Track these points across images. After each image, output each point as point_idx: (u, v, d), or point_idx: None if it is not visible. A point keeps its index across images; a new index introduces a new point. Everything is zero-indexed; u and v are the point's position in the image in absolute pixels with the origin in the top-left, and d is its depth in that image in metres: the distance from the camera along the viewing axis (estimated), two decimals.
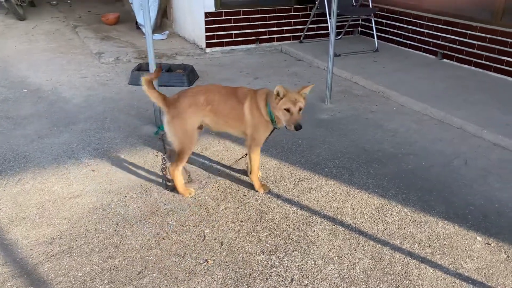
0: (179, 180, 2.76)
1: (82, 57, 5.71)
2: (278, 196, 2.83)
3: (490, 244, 2.42)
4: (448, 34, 5.47)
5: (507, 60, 4.88)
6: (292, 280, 2.16)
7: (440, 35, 5.58)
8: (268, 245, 2.39)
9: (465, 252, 2.37)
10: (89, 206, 2.69)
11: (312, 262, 2.27)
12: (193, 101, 2.65)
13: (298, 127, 2.50)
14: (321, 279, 2.17)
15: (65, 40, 6.54)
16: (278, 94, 2.53)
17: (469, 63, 5.29)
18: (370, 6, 5.94)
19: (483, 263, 2.29)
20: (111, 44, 6.15)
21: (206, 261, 2.27)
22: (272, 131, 2.78)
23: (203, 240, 2.43)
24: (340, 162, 3.26)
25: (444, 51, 5.56)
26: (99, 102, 4.28)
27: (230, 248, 2.36)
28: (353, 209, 2.72)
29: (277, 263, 2.26)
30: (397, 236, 2.48)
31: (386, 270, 2.23)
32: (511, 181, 3.06)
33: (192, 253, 2.33)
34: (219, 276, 2.17)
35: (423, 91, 4.55)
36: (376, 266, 2.25)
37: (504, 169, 3.21)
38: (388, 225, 2.57)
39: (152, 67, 3.60)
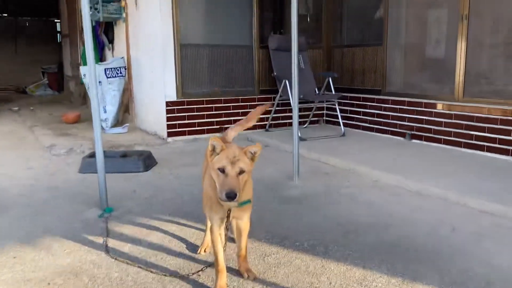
0: None
1: (33, 151, 5.32)
2: (239, 274, 2.33)
3: None
4: (414, 115, 5.43)
5: (476, 135, 4.77)
6: None
7: (406, 116, 5.53)
8: None
9: None
10: None
11: None
12: None
13: (230, 195, 1.82)
14: None
15: (18, 138, 6.19)
16: (213, 149, 1.97)
17: (438, 141, 5.16)
18: (333, 92, 5.94)
19: None
20: (67, 138, 5.84)
21: None
22: (229, 214, 2.09)
23: None
24: (312, 235, 2.83)
25: (412, 132, 5.46)
26: (42, 191, 3.81)
27: None
28: (330, 283, 2.24)
29: None
30: None
31: None
32: (508, 243, 2.67)
33: None
34: None
35: (396, 165, 4.30)
36: None
37: (498, 233, 2.84)
38: None
39: (100, 150, 3.24)
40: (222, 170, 1.90)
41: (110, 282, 2.25)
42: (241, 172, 1.92)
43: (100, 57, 7.47)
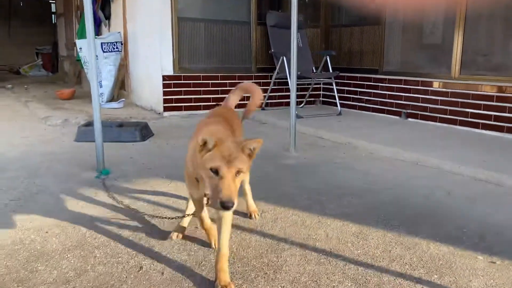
0: None
1: (28, 123, 5.29)
2: (237, 227, 2.34)
3: (495, 263, 1.98)
4: (410, 93, 5.45)
5: (471, 112, 4.80)
6: None
7: (402, 95, 5.55)
8: None
9: (468, 271, 1.91)
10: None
11: (280, 287, 1.75)
12: None
13: (227, 205, 1.48)
14: None
15: (13, 111, 6.15)
16: (204, 144, 1.60)
17: (434, 119, 5.19)
18: (331, 71, 5.94)
19: (492, 280, 1.83)
20: (62, 111, 5.80)
21: None
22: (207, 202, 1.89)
23: (138, 271, 1.88)
24: (309, 196, 2.84)
25: (408, 111, 5.48)
26: (37, 155, 3.79)
27: (173, 278, 1.82)
28: (327, 235, 2.25)
29: None
30: (383, 258, 2.01)
31: None
32: (500, 206, 2.71)
33: (121, 284, 1.76)
34: None
35: (392, 139, 4.33)
36: None
37: (491, 197, 2.87)
38: (371, 249, 2.10)
39: (98, 118, 3.22)
40: (216, 171, 1.54)
41: (108, 233, 2.25)
42: (238, 172, 1.58)
43: (96, 33, 7.40)
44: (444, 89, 5.05)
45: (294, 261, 1.96)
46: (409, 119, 5.47)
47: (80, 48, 6.37)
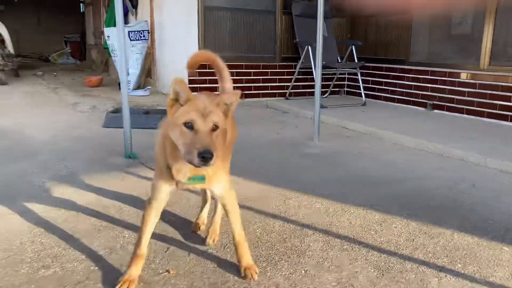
0: None
1: (58, 108, 5.44)
2: (260, 212, 2.38)
3: None
4: (437, 84, 5.37)
5: (500, 104, 4.71)
6: None
7: (428, 86, 5.48)
8: None
9: (492, 261, 1.90)
10: (31, 222, 2.20)
11: (303, 271, 1.79)
12: None
13: (206, 155, 1.34)
14: (315, 287, 1.67)
15: (43, 97, 6.32)
16: (176, 98, 1.47)
17: (460, 111, 5.11)
18: (356, 61, 5.90)
19: None
20: (90, 98, 5.94)
21: (168, 271, 1.77)
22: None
23: (165, 251, 1.94)
24: (332, 185, 2.86)
25: (434, 102, 5.41)
26: (67, 140, 3.91)
27: (199, 259, 1.88)
28: (350, 222, 2.27)
29: (258, 272, 1.77)
30: (406, 247, 2.02)
31: (396, 279, 1.74)
32: None
33: (150, 263, 1.83)
34: (182, 286, 1.67)
35: (417, 131, 4.29)
36: (383, 275, 1.77)
37: None
38: (394, 237, 2.12)
39: (126, 105, 3.31)
40: (190, 126, 1.41)
41: (136, 214, 2.32)
42: (215, 128, 1.44)
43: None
44: (472, 81, 4.96)
45: (317, 247, 2.00)
46: (435, 111, 5.40)
47: (108, 36, 6.49)
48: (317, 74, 3.94)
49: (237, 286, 1.68)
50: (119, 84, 6.83)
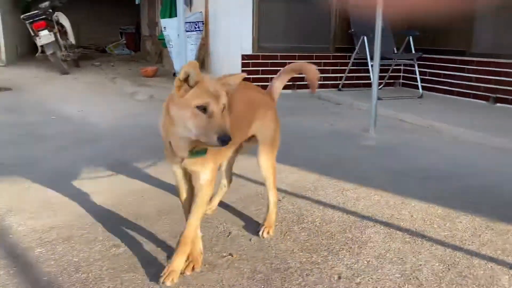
0: None
1: (117, 97, 5.65)
2: (318, 202, 2.39)
3: None
4: (501, 77, 5.11)
5: None
6: (339, 277, 1.66)
7: (491, 78, 5.23)
8: (307, 244, 1.92)
9: None
10: (100, 203, 2.32)
11: (365, 262, 1.78)
12: None
13: (226, 139, 1.40)
14: (378, 278, 1.66)
15: (102, 86, 6.58)
16: (186, 80, 1.47)
17: None
18: (413, 52, 5.72)
19: None
20: (147, 88, 6.13)
21: (231, 255, 1.82)
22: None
23: (228, 236, 1.99)
24: (391, 178, 2.81)
25: (497, 95, 5.16)
26: (127, 127, 4.06)
27: (261, 245, 1.91)
28: (412, 216, 2.23)
29: (319, 261, 1.78)
30: (472, 242, 1.96)
31: (464, 274, 1.70)
32: None
33: (213, 247, 1.88)
34: (246, 270, 1.71)
35: (478, 124, 4.12)
36: (449, 269, 1.73)
37: None
38: (458, 232, 2.06)
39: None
40: (203, 108, 1.44)
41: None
42: (224, 109, 1.48)
43: (177, 13, 7.66)
44: None
45: (378, 238, 1.97)
46: (498, 104, 5.15)
47: (164, 27, 6.64)
48: (375, 64, 3.87)
49: (299, 273, 1.69)
50: (174, 74, 7.01)
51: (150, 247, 1.87)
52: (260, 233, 1.99)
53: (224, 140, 1.40)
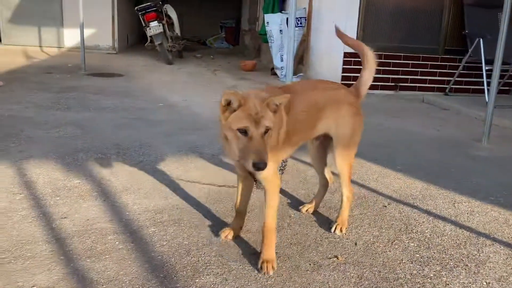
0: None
1: (218, 89, 5.81)
2: (427, 212, 2.25)
3: None
4: None
5: None
6: None
7: None
8: (417, 255, 1.82)
9: None
10: (206, 189, 2.40)
11: (484, 283, 1.64)
12: None
13: (259, 165, 1.45)
14: None
15: (204, 78, 6.84)
16: (228, 104, 1.55)
17: None
18: None
19: None
20: (246, 81, 6.26)
21: (336, 257, 1.78)
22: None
23: (331, 238, 1.95)
24: (509, 193, 2.57)
25: None
26: None
27: (367, 250, 1.84)
28: None
29: (431, 275, 1.68)
30: None
31: None
32: None
33: (318, 246, 1.86)
34: (352, 275, 1.66)
35: None
36: None
37: None
38: None
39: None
40: (244, 132, 1.50)
41: (304, 193, 2.37)
42: (267, 131, 1.52)
43: (281, 9, 7.70)
44: None
45: (499, 259, 1.81)
46: None
47: (268, 23, 6.71)
48: (496, 70, 3.58)
49: (410, 286, 1.61)
50: (272, 69, 7.08)
51: (256, 238, 1.89)
52: (333, 229, 1.97)
53: (258, 167, 1.46)
